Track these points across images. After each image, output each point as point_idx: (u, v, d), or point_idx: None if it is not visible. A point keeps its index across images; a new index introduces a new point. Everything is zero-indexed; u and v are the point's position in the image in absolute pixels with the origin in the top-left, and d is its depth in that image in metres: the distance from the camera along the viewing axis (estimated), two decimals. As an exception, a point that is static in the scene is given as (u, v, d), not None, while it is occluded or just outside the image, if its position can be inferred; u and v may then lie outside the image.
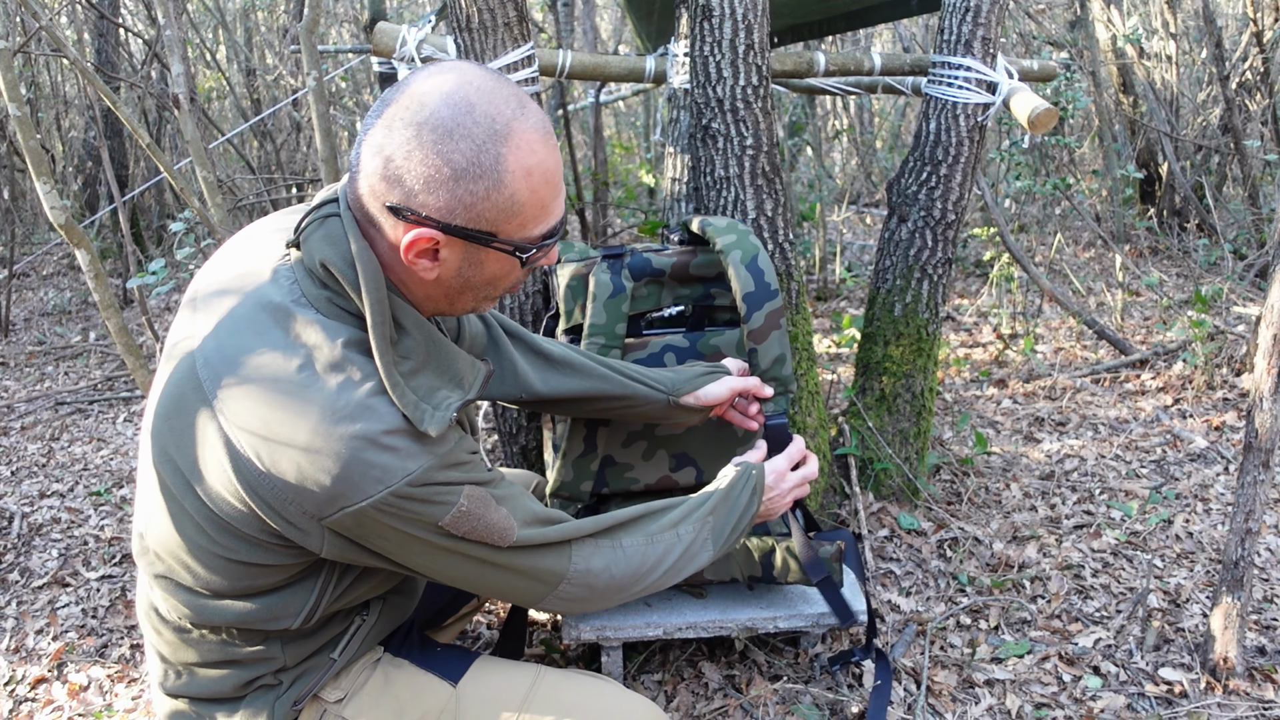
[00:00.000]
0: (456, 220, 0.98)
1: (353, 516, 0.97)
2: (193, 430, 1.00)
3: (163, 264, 2.68)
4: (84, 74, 2.30)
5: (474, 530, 1.03)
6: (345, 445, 0.95)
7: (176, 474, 1.03)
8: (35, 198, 6.23)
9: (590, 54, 2.37)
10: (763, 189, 2.12)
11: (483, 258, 1.03)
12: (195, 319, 1.07)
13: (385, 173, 0.97)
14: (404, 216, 0.98)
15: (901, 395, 2.38)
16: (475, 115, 0.96)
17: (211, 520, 1.02)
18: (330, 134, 2.49)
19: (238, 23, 6.73)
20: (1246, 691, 1.78)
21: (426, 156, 0.95)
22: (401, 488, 0.96)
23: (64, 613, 2.25)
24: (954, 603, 2.10)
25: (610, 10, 9.34)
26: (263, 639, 1.13)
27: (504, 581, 1.10)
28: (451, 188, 0.96)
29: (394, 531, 1.00)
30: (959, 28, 2.12)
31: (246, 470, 0.97)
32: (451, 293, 1.07)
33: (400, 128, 0.96)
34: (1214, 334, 3.45)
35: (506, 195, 0.98)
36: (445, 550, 1.04)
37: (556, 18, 4.59)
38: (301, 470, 0.95)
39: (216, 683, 1.14)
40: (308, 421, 0.95)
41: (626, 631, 1.75)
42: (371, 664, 1.22)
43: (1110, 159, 5.32)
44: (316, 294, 1.01)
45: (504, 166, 0.97)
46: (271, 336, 0.99)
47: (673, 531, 1.22)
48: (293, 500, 0.97)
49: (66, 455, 3.20)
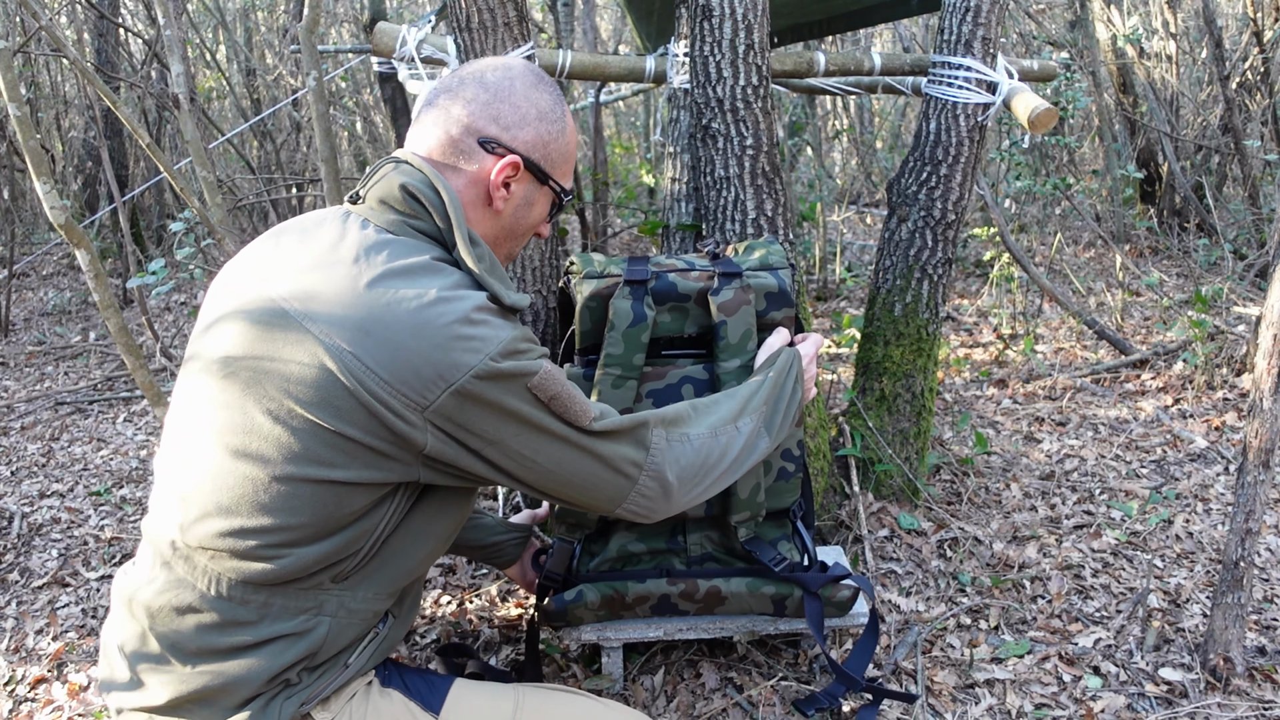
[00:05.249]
0: (535, 155, 1.21)
1: (455, 397, 1.05)
2: (285, 358, 1.06)
3: (163, 264, 2.68)
4: (84, 74, 2.30)
5: (558, 397, 1.12)
6: (443, 324, 1.05)
7: (264, 414, 1.05)
8: (35, 198, 6.23)
9: (590, 54, 2.37)
10: (763, 189, 2.12)
11: (537, 197, 1.25)
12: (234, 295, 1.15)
13: (483, 112, 1.18)
14: (494, 149, 1.18)
15: (901, 395, 2.38)
16: (546, 81, 1.24)
17: (320, 439, 1.05)
18: (330, 134, 2.48)
19: (238, 23, 6.73)
20: (1246, 691, 1.78)
21: (520, 100, 1.20)
22: (496, 354, 1.06)
23: (64, 613, 2.25)
24: (954, 603, 2.10)
25: (610, 10, 9.34)
26: (316, 611, 1.12)
27: (590, 472, 1.16)
28: (537, 126, 1.20)
29: (491, 408, 1.08)
30: (959, 28, 2.12)
31: (354, 369, 1.04)
32: (500, 236, 1.25)
33: (494, 81, 1.20)
34: (1214, 334, 3.45)
35: (565, 142, 1.24)
36: (536, 428, 1.11)
37: (556, 18, 4.59)
38: (407, 355, 1.04)
39: (242, 670, 1.09)
40: (405, 312, 1.05)
41: (627, 633, 1.75)
42: (364, 688, 1.21)
43: (1110, 159, 5.32)
44: (387, 219, 1.15)
45: (566, 120, 1.25)
46: (351, 258, 1.10)
47: (733, 425, 1.30)
48: (400, 388, 1.04)
49: (66, 455, 3.20)
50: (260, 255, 1.18)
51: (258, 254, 1.18)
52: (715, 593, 1.68)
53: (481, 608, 2.12)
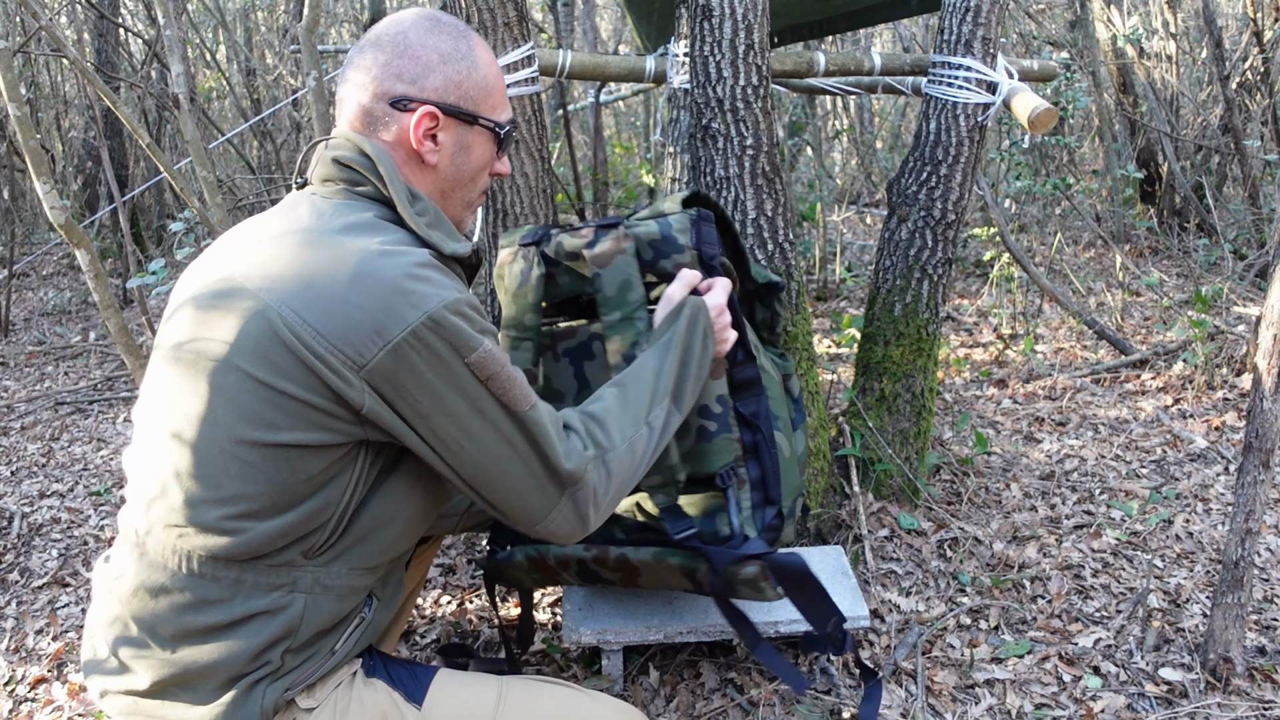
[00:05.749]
0: (450, 99, 1.20)
1: (391, 355, 1.04)
2: (230, 325, 1.07)
3: (163, 264, 2.68)
4: (84, 74, 2.30)
5: (496, 376, 1.10)
6: (383, 278, 1.05)
7: (209, 383, 1.06)
8: (35, 198, 6.23)
9: (590, 54, 2.37)
10: (763, 189, 2.12)
11: (470, 139, 1.23)
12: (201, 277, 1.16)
13: (385, 74, 1.18)
14: (406, 105, 1.18)
15: (901, 395, 2.38)
16: (441, 21, 1.22)
17: (261, 397, 1.04)
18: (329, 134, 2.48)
19: (238, 23, 6.73)
20: (1246, 691, 1.78)
21: (418, 51, 1.19)
22: (437, 311, 1.05)
23: (64, 613, 2.25)
24: (954, 603, 2.10)
25: (610, 10, 9.34)
26: (290, 588, 1.11)
27: (518, 474, 1.13)
28: (442, 69, 1.19)
29: (426, 374, 1.06)
30: (959, 28, 2.12)
31: (291, 323, 1.04)
32: (445, 188, 1.25)
33: (389, 40, 1.19)
34: (1214, 334, 3.45)
35: (481, 75, 1.22)
36: (470, 406, 1.09)
37: (556, 18, 4.59)
38: (345, 309, 1.04)
39: (222, 652, 1.10)
40: (346, 266, 1.06)
41: (627, 635, 1.75)
42: (349, 677, 1.21)
43: (1110, 159, 5.32)
44: (331, 190, 1.18)
45: (475, 53, 1.22)
46: (299, 227, 1.12)
47: (645, 426, 1.26)
48: (337, 344, 1.04)
49: (66, 455, 3.20)
50: (220, 246, 1.20)
51: (218, 246, 1.21)
52: (624, 560, 1.57)
53: (481, 608, 2.12)
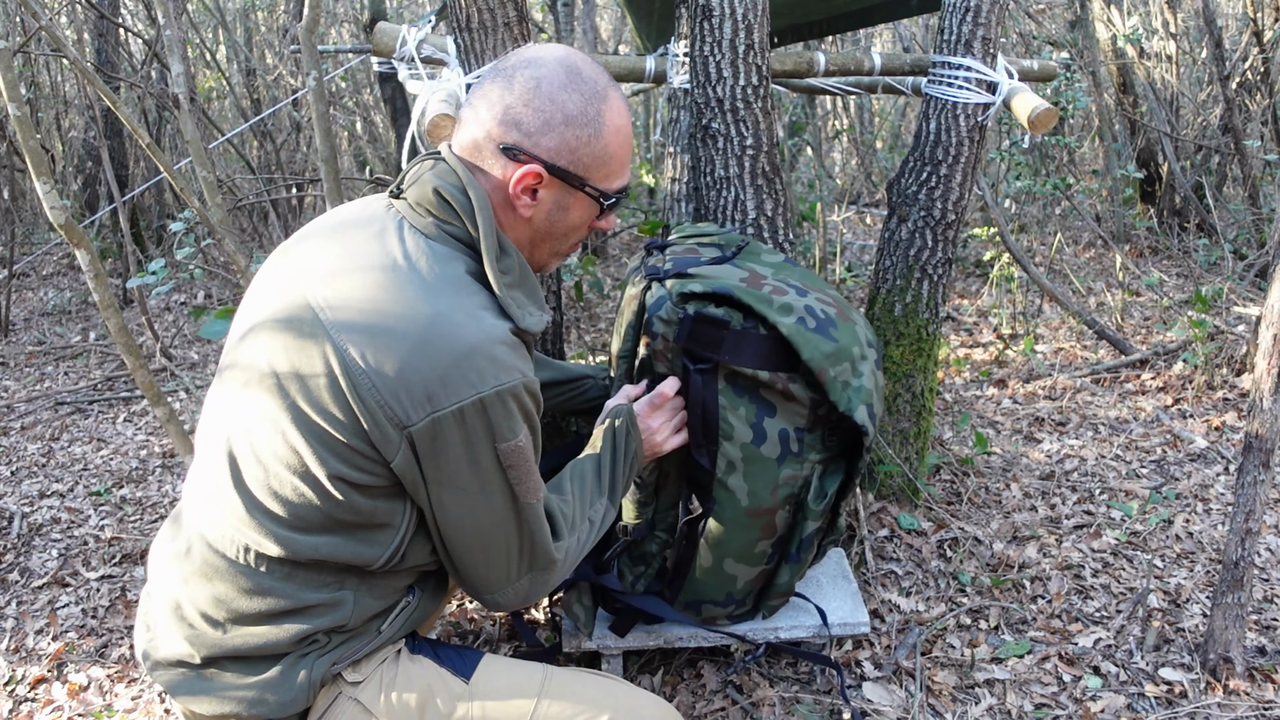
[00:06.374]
0: (560, 161, 1.16)
1: (434, 423, 1.04)
2: (304, 361, 1.08)
3: (163, 264, 2.68)
4: (84, 74, 2.30)
5: (517, 468, 1.11)
6: (452, 348, 1.04)
7: (284, 392, 1.08)
8: (35, 198, 6.23)
9: (590, 54, 2.37)
10: (763, 189, 2.12)
11: (571, 202, 1.20)
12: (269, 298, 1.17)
13: (505, 118, 1.14)
14: (516, 155, 1.14)
15: (901, 395, 2.38)
16: (583, 76, 1.16)
17: (307, 428, 1.07)
18: (330, 134, 2.48)
19: (238, 23, 6.73)
20: (1246, 691, 1.78)
21: (544, 104, 1.14)
22: (490, 395, 1.05)
23: (64, 613, 2.25)
24: (954, 603, 2.10)
25: (610, 10, 9.34)
26: (339, 584, 1.15)
27: (499, 547, 1.16)
28: (562, 131, 1.14)
29: (458, 450, 1.07)
30: (959, 28, 2.12)
31: (352, 370, 1.05)
32: (536, 238, 1.22)
33: (521, 81, 1.14)
34: (1214, 334, 3.45)
35: (602, 145, 1.17)
36: (484, 489, 1.11)
37: (556, 18, 4.59)
38: (405, 367, 1.03)
39: (267, 636, 1.14)
40: (419, 326, 1.05)
41: (627, 641, 1.75)
42: (394, 654, 1.24)
43: (1110, 159, 5.32)
44: (424, 222, 1.15)
45: (603, 121, 1.16)
46: (384, 264, 1.10)
47: (587, 521, 1.32)
48: (390, 400, 1.04)
49: (66, 455, 3.20)
50: (301, 251, 1.19)
51: (299, 248, 1.20)
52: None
53: (481, 606, 2.12)
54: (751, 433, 1.54)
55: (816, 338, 1.48)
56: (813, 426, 1.57)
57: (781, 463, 1.56)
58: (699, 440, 1.54)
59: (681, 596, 1.70)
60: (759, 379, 1.51)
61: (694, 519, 1.62)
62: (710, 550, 1.62)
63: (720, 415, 1.53)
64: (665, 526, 1.66)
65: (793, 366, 1.51)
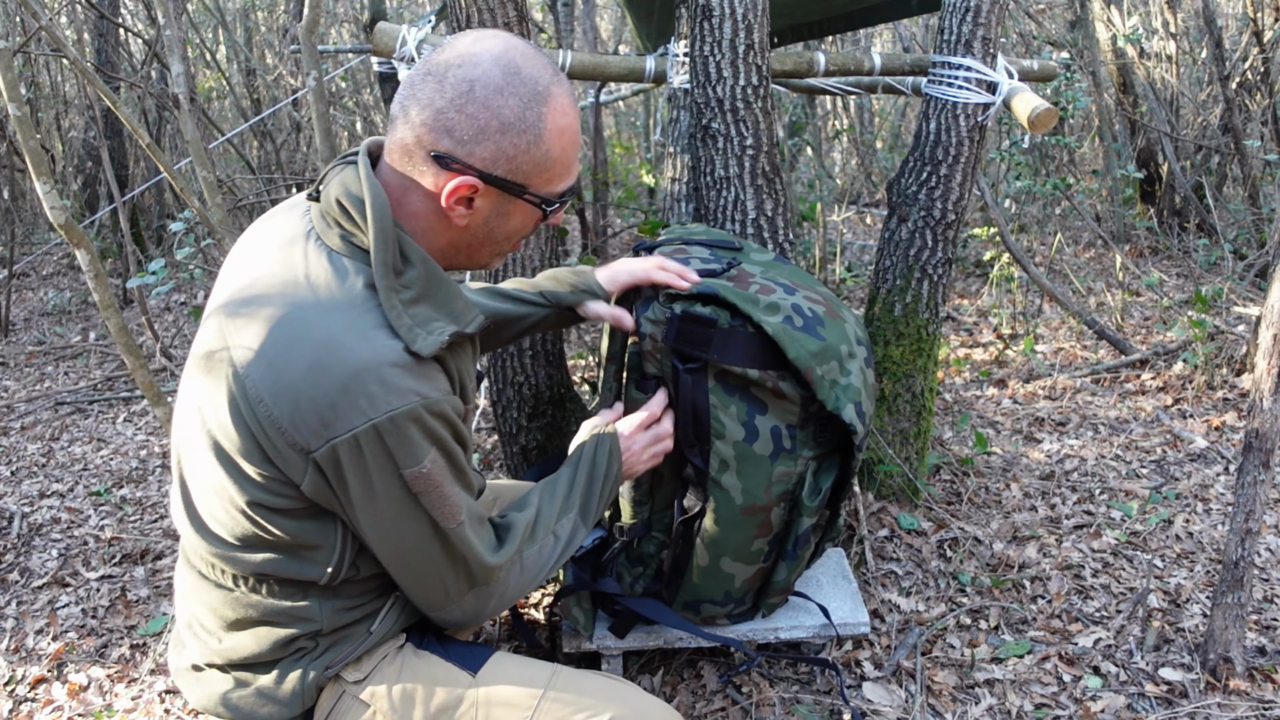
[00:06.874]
0: (497, 171, 1.07)
1: (333, 451, 1.01)
2: (212, 373, 1.07)
3: (163, 264, 2.68)
4: (84, 74, 2.30)
5: (428, 494, 1.07)
6: (338, 375, 1.00)
7: (203, 422, 1.09)
8: (35, 198, 6.23)
9: (590, 54, 2.37)
10: (763, 189, 2.12)
11: (511, 209, 1.12)
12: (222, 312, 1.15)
13: (435, 123, 1.05)
14: (448, 164, 1.06)
15: (901, 395, 2.38)
16: (522, 76, 1.06)
17: (223, 457, 1.07)
18: (330, 134, 2.48)
19: (238, 23, 6.73)
20: (1246, 691, 1.78)
21: (478, 110, 1.04)
22: (384, 421, 1.00)
23: (64, 613, 2.25)
24: (954, 603, 2.10)
25: (610, 10, 9.34)
26: (302, 594, 1.15)
27: (430, 570, 1.14)
28: (498, 140, 1.05)
29: (363, 477, 1.04)
30: (959, 28, 2.12)
31: (250, 396, 1.03)
32: (474, 243, 1.15)
33: (453, 83, 1.04)
34: (1214, 334, 3.45)
35: (543, 151, 1.08)
36: (400, 513, 1.07)
37: (556, 18, 4.59)
38: (298, 394, 1.00)
39: (255, 643, 1.16)
40: (308, 345, 1.01)
41: (627, 642, 1.75)
42: (395, 650, 1.24)
43: (1110, 159, 5.32)
44: (330, 233, 1.09)
45: (544, 125, 1.07)
46: (282, 274, 1.07)
47: (552, 534, 1.27)
48: (286, 428, 1.01)
49: (66, 455, 3.20)
50: (231, 264, 1.19)
51: (231, 261, 1.20)
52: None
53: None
54: (744, 431, 1.53)
55: (803, 336, 1.48)
56: (805, 423, 1.56)
57: (775, 460, 1.56)
58: (691, 440, 1.54)
59: (680, 597, 1.70)
60: (749, 377, 1.51)
61: (689, 518, 1.62)
62: (707, 550, 1.62)
63: (711, 414, 1.52)
64: (662, 526, 1.66)
65: (782, 364, 1.50)
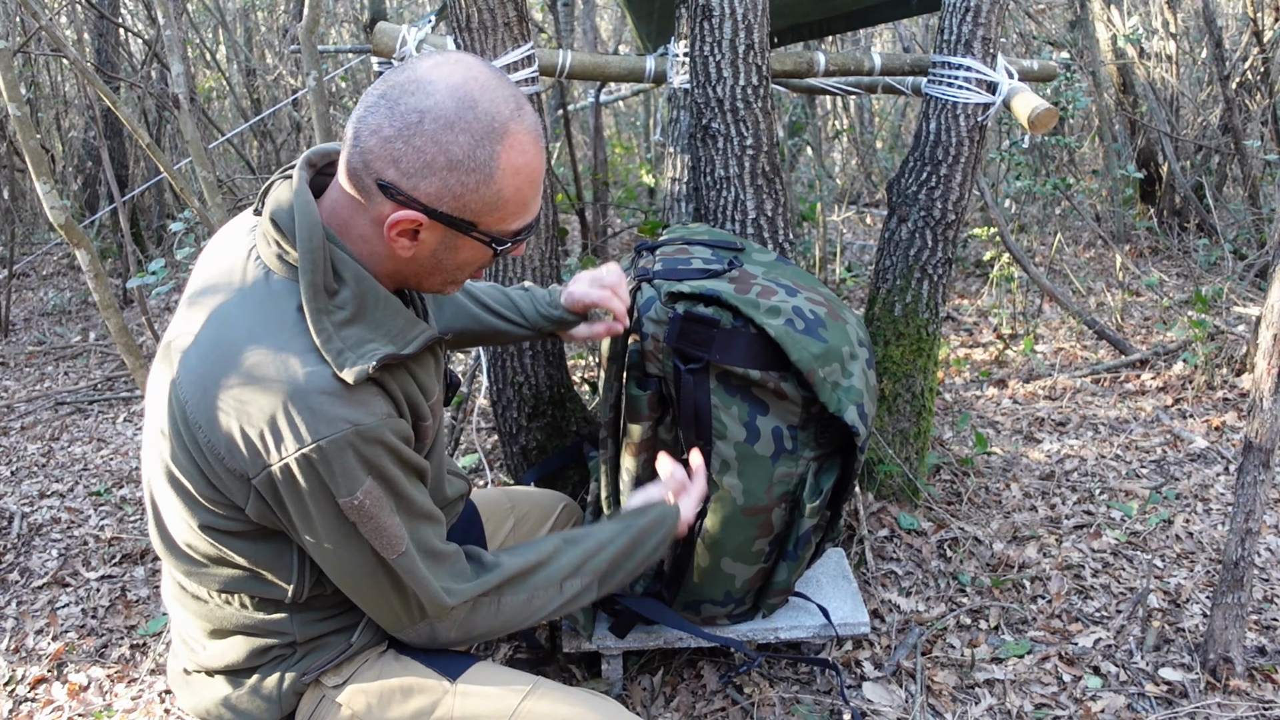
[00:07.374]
0: (442, 207, 1.02)
1: (270, 478, 1.01)
2: (165, 403, 1.07)
3: (163, 264, 2.68)
4: (84, 74, 2.30)
5: (365, 524, 1.05)
6: (265, 405, 0.98)
7: (159, 450, 1.10)
8: (35, 198, 6.23)
9: (590, 54, 2.37)
10: (763, 189, 2.12)
11: (459, 244, 1.07)
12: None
13: (382, 151, 1.00)
14: (393, 195, 1.01)
15: (901, 395, 2.38)
16: (477, 111, 1.00)
17: (174, 482, 1.08)
18: (330, 134, 2.48)
19: (238, 23, 6.73)
20: (1246, 691, 1.78)
21: (425, 144, 0.99)
22: (313, 449, 0.99)
23: (64, 613, 2.25)
24: (954, 603, 2.10)
25: (610, 10, 9.34)
26: (274, 608, 1.16)
27: (377, 594, 1.11)
28: (444, 176, 1.00)
29: (300, 504, 1.03)
30: (959, 28, 2.12)
31: (191, 423, 1.03)
32: (422, 271, 1.10)
33: (404, 112, 0.99)
34: (1214, 334, 3.45)
35: (494, 190, 1.03)
36: (342, 540, 1.06)
37: (556, 18, 4.59)
38: (230, 422, 1.00)
39: (234, 652, 1.17)
40: (239, 371, 1.00)
41: (627, 642, 1.75)
42: (376, 655, 1.24)
43: (1110, 159, 5.32)
44: (268, 252, 1.06)
45: (496, 164, 1.01)
46: (223, 295, 1.06)
47: (557, 586, 1.22)
48: (224, 454, 1.01)
49: (66, 455, 3.20)
50: (190, 282, 1.18)
51: (191, 278, 1.19)
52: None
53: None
54: (745, 431, 1.53)
55: (805, 339, 1.48)
56: (806, 424, 1.56)
57: (776, 460, 1.56)
58: (692, 440, 1.54)
59: (681, 596, 1.70)
60: (750, 378, 1.50)
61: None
62: (708, 550, 1.62)
63: (713, 414, 1.52)
64: None
65: (784, 365, 1.50)
